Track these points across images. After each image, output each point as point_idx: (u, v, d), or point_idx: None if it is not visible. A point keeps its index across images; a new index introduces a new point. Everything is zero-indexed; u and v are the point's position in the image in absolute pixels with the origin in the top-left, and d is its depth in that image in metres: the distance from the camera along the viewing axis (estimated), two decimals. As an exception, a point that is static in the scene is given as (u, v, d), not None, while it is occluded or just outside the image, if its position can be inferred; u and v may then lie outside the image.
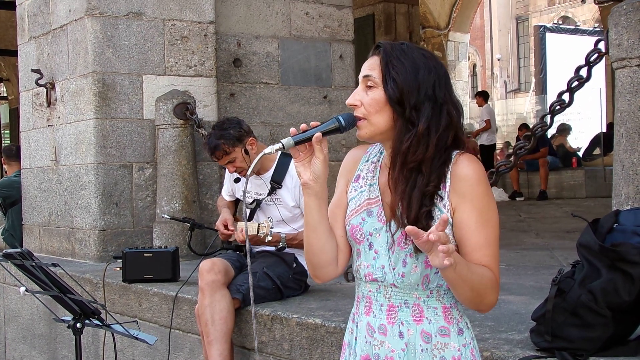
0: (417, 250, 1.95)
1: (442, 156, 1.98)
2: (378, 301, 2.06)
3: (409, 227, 1.75)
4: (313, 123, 2.01)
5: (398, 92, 1.96)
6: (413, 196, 1.96)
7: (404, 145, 1.96)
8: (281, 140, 1.98)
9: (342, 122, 2.01)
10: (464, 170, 1.97)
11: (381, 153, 2.14)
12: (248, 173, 2.27)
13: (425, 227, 1.89)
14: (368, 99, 1.99)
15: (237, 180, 4.58)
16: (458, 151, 2.01)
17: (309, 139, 1.98)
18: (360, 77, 2.04)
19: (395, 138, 1.99)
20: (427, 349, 2.01)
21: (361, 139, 2.06)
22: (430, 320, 2.02)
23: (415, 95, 1.96)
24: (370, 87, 2.00)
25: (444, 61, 18.42)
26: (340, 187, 2.18)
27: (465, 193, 1.96)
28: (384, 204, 2.06)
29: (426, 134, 1.95)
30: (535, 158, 12.82)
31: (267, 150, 2.01)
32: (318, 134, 1.97)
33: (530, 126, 8.24)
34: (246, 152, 4.35)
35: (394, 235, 2.00)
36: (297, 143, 1.99)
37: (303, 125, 2.00)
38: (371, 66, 2.01)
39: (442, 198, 1.97)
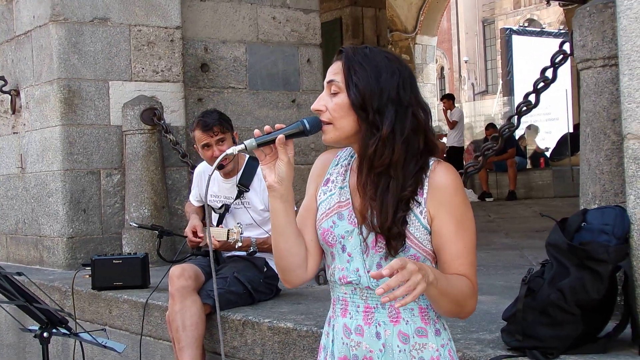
0: (389, 254, 1.96)
1: (419, 162, 1.98)
2: (354, 302, 2.06)
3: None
4: (278, 125, 2.00)
5: (360, 97, 1.96)
6: (386, 201, 1.96)
7: (370, 149, 1.96)
8: (244, 142, 1.97)
9: (307, 125, 2.00)
10: (442, 179, 1.98)
11: (352, 156, 2.14)
12: (210, 173, 2.25)
13: (400, 233, 1.93)
14: (333, 104, 1.99)
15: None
16: (435, 159, 2.01)
17: (273, 141, 1.97)
18: (325, 82, 2.04)
19: (361, 143, 1.99)
20: (405, 350, 2.01)
21: (326, 143, 2.05)
22: (408, 321, 2.02)
23: (378, 99, 1.96)
24: (334, 93, 2.00)
25: (411, 64, 18.60)
26: (310, 191, 2.17)
27: (444, 202, 1.97)
28: (354, 206, 2.06)
29: (391, 137, 1.95)
30: (503, 159, 12.93)
31: (229, 151, 2.00)
32: (281, 136, 1.96)
33: (498, 127, 8.29)
34: (234, 142, 4.33)
35: (367, 240, 2.00)
36: (259, 145, 1.97)
37: (267, 127, 1.99)
38: (335, 71, 2.01)
39: (419, 204, 1.98)
